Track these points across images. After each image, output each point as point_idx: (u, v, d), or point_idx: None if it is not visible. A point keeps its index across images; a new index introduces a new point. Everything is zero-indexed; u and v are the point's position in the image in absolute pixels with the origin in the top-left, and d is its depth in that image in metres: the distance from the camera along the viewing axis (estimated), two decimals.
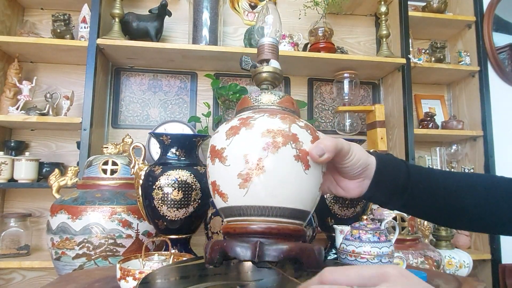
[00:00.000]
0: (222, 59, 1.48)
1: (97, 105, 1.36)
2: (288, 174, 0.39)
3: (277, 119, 0.41)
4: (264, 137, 0.39)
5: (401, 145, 1.55)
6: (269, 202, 0.38)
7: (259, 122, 0.40)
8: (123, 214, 0.85)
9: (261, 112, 0.42)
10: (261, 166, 0.38)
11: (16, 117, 1.31)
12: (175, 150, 0.80)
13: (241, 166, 0.39)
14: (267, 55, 0.48)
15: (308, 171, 0.40)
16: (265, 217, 0.39)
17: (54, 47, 1.35)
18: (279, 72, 0.48)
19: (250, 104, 0.45)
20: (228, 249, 0.37)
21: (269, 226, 0.38)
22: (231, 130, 0.41)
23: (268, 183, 0.38)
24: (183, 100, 1.60)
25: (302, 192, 0.40)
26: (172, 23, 1.58)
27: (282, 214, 0.39)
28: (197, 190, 0.78)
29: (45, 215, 1.44)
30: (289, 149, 0.39)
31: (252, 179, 0.38)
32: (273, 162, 0.38)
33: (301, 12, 1.60)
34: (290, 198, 0.39)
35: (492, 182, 0.52)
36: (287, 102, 0.45)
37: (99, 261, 0.83)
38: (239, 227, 0.39)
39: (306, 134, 0.41)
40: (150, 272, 0.52)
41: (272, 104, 0.45)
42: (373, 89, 1.77)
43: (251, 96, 0.46)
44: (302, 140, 0.40)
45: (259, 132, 0.39)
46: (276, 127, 0.40)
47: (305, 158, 0.40)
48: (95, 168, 0.93)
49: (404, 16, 1.56)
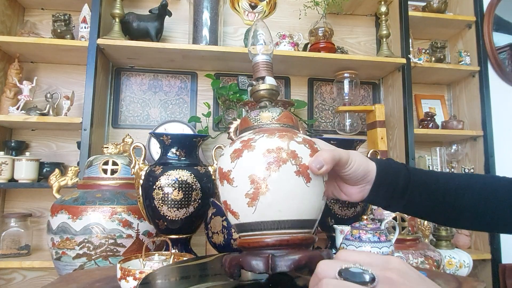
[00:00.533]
0: (223, 59, 1.48)
1: (98, 105, 1.37)
2: (291, 189, 0.42)
3: (276, 138, 0.43)
4: (265, 157, 0.42)
5: (401, 145, 1.55)
6: (276, 217, 0.42)
7: (259, 143, 0.43)
8: (124, 214, 0.85)
9: (261, 132, 0.45)
10: (266, 185, 0.42)
11: (17, 117, 1.31)
12: (175, 150, 0.81)
13: (247, 187, 0.42)
14: (262, 73, 0.51)
15: (310, 183, 0.43)
16: (274, 230, 0.42)
17: (55, 47, 1.35)
18: (275, 88, 0.51)
19: (250, 124, 0.48)
20: (244, 264, 0.42)
21: (279, 239, 0.42)
22: (234, 153, 0.44)
23: (273, 200, 0.42)
24: (183, 100, 1.60)
25: (306, 204, 0.43)
26: (172, 23, 1.58)
27: (290, 226, 0.42)
28: (197, 190, 0.78)
29: (45, 215, 1.44)
30: (289, 166, 0.42)
31: (258, 197, 0.42)
32: (276, 180, 0.42)
33: (301, 12, 1.60)
34: (295, 211, 0.42)
35: (492, 182, 0.53)
36: (285, 118, 0.48)
37: (100, 261, 0.83)
38: (252, 241, 0.43)
39: (304, 148, 0.44)
40: (151, 272, 0.52)
41: (271, 122, 0.48)
42: (373, 89, 1.77)
43: (250, 116, 0.49)
44: (301, 155, 0.43)
45: (260, 153, 0.42)
46: (275, 147, 0.42)
47: (305, 172, 0.42)
48: (96, 168, 0.94)
49: (404, 16, 1.56)
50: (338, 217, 0.84)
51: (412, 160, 1.49)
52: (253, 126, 0.48)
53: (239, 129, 0.51)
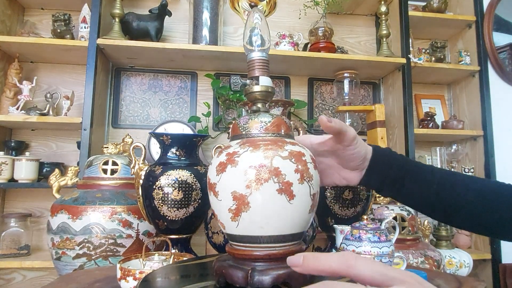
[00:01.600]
0: (222, 59, 1.48)
1: (97, 105, 1.36)
2: (273, 207, 0.42)
3: (260, 153, 0.42)
4: (247, 175, 0.41)
5: (401, 145, 1.55)
6: (258, 233, 0.42)
7: (242, 158, 0.43)
8: (124, 214, 0.85)
9: (247, 144, 0.44)
10: (247, 203, 0.41)
11: (16, 117, 1.31)
12: (175, 150, 0.80)
13: (230, 202, 0.42)
14: (256, 72, 0.48)
15: (293, 200, 0.42)
16: (257, 244, 0.43)
17: (54, 47, 1.35)
18: (270, 89, 0.48)
19: (238, 133, 0.47)
20: (226, 276, 0.43)
21: (261, 253, 0.43)
22: (219, 166, 0.44)
23: (254, 218, 0.42)
24: (183, 100, 1.60)
25: (289, 220, 0.43)
26: (172, 23, 1.58)
27: (273, 241, 0.43)
28: (197, 190, 0.78)
29: (45, 215, 1.44)
30: (271, 184, 0.41)
31: (240, 214, 0.42)
32: (257, 198, 0.41)
33: (301, 12, 1.60)
34: (277, 228, 0.42)
35: (496, 187, 0.54)
36: (275, 126, 0.47)
37: (100, 261, 0.83)
38: (237, 252, 0.44)
39: (289, 164, 0.42)
40: (151, 271, 0.52)
41: (260, 132, 0.46)
42: (373, 89, 1.77)
43: (239, 124, 0.48)
44: (285, 172, 0.42)
45: (242, 169, 0.42)
46: (258, 164, 0.42)
47: (288, 189, 0.42)
48: (95, 168, 0.93)
49: (404, 15, 1.56)
50: (338, 217, 0.84)
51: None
52: (241, 135, 0.47)
53: (230, 134, 0.50)
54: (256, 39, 0.48)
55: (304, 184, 0.42)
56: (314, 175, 0.44)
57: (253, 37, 0.49)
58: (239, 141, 0.46)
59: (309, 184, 0.43)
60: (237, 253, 0.44)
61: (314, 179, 0.44)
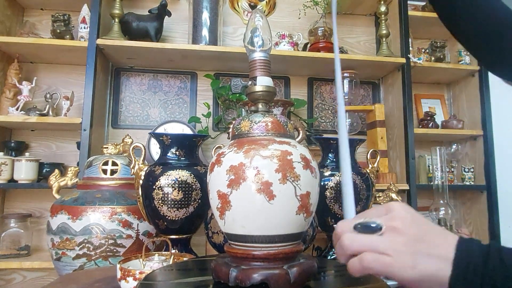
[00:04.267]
0: (222, 59, 1.48)
1: (97, 105, 1.36)
2: (251, 207, 0.42)
3: (241, 153, 0.43)
4: (228, 174, 0.42)
5: (401, 145, 1.54)
6: (241, 232, 0.43)
7: (226, 159, 0.44)
8: (123, 215, 0.85)
9: (234, 144, 0.45)
10: (228, 201, 0.42)
11: (16, 117, 1.31)
12: (175, 150, 0.80)
13: (216, 201, 0.44)
14: (257, 73, 0.49)
15: (274, 200, 0.42)
16: (242, 243, 0.44)
17: (54, 48, 1.35)
18: (270, 88, 0.49)
19: (233, 133, 0.49)
20: (217, 272, 0.44)
21: (245, 252, 0.43)
22: (211, 166, 0.46)
23: (235, 216, 0.43)
24: (183, 100, 1.60)
25: (271, 220, 0.43)
26: (172, 23, 1.58)
27: (256, 241, 0.43)
28: (197, 190, 0.78)
29: (45, 215, 1.44)
30: (249, 184, 0.42)
31: (225, 212, 0.43)
32: (237, 197, 0.42)
33: (301, 12, 1.60)
34: (258, 228, 0.43)
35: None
36: (265, 126, 0.47)
37: (100, 262, 0.83)
38: (228, 249, 0.46)
39: (269, 163, 0.42)
40: (151, 272, 0.52)
41: (249, 132, 0.47)
42: (373, 88, 1.77)
43: (234, 125, 0.50)
44: (264, 172, 0.42)
45: (224, 169, 0.43)
46: (238, 163, 0.42)
47: (267, 189, 0.42)
48: (95, 168, 0.93)
49: (404, 15, 1.56)
50: (339, 217, 0.84)
51: (412, 159, 1.49)
52: (234, 135, 0.48)
53: (230, 135, 0.52)
54: (257, 40, 0.49)
55: (287, 184, 0.42)
56: (303, 175, 0.43)
57: (255, 38, 0.49)
58: (232, 141, 0.47)
59: (294, 184, 0.42)
60: (228, 250, 0.45)
61: (303, 179, 0.43)
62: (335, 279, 0.54)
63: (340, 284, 0.51)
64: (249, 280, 0.40)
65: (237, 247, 0.44)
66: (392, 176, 1.51)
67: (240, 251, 0.43)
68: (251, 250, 0.43)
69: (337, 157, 0.87)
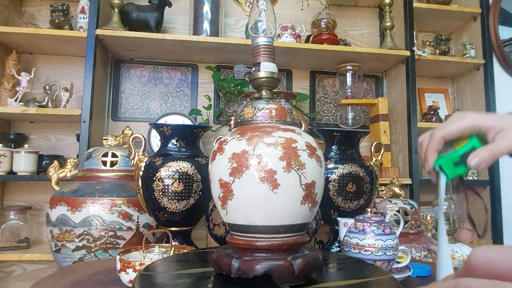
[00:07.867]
0: (223, 51, 1.46)
1: (97, 97, 1.35)
2: (255, 196, 0.40)
3: (244, 140, 0.41)
4: (230, 162, 0.41)
5: (404, 139, 1.53)
6: (243, 222, 0.42)
7: (228, 146, 0.42)
8: (123, 206, 0.84)
9: (237, 131, 0.44)
10: (230, 190, 0.41)
11: (15, 109, 1.30)
12: (175, 141, 0.79)
13: (218, 190, 0.43)
14: (260, 58, 0.47)
15: (278, 189, 0.40)
16: (244, 233, 0.43)
17: (53, 38, 1.33)
18: (275, 75, 0.47)
19: (236, 121, 0.48)
20: (219, 263, 0.43)
21: (247, 242, 0.42)
22: (212, 154, 0.44)
23: (238, 206, 0.41)
24: (184, 92, 1.58)
25: (275, 210, 0.41)
26: (173, 14, 1.55)
27: (259, 231, 0.42)
28: (198, 182, 0.76)
29: (45, 207, 1.43)
30: (252, 172, 0.40)
31: (227, 202, 0.42)
32: (239, 186, 0.41)
33: (304, 3, 1.57)
34: (262, 217, 0.41)
35: None
36: (269, 113, 0.46)
37: (99, 254, 0.82)
38: (229, 240, 0.44)
39: (273, 151, 0.40)
40: (151, 263, 0.51)
41: (252, 119, 0.45)
42: (376, 82, 1.75)
43: (237, 111, 0.48)
44: (267, 159, 0.40)
45: (226, 157, 0.41)
46: (240, 151, 0.41)
47: (271, 178, 0.40)
48: (95, 160, 0.92)
49: (408, 7, 1.53)
50: (341, 209, 0.83)
51: (415, 154, 1.47)
52: (237, 123, 0.47)
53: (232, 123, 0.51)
54: (261, 24, 0.47)
55: (292, 172, 0.40)
56: (308, 163, 0.41)
57: (259, 22, 0.47)
58: (235, 129, 0.46)
59: (298, 173, 0.41)
60: (229, 241, 0.44)
61: (309, 167, 0.41)
62: (338, 272, 0.53)
63: (344, 277, 0.50)
64: (251, 271, 0.39)
65: (240, 237, 0.43)
66: (395, 170, 1.49)
67: (242, 242, 0.42)
68: (254, 240, 0.42)
69: (340, 149, 0.85)
